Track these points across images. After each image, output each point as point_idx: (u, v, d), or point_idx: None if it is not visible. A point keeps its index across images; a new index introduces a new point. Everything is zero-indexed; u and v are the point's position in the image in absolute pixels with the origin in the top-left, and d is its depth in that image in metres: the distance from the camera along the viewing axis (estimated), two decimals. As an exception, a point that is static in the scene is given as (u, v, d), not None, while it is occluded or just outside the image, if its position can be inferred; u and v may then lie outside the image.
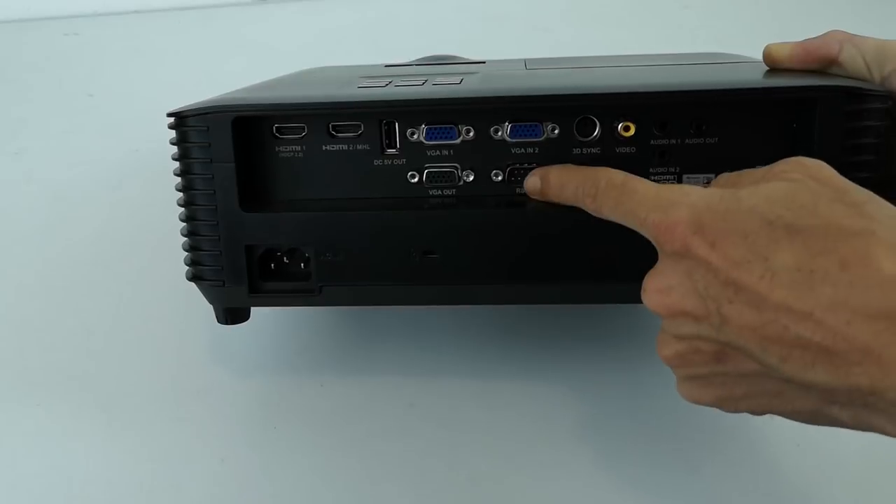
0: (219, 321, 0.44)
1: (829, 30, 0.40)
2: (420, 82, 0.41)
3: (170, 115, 0.40)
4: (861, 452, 0.36)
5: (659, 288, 0.31)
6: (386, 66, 0.53)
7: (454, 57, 0.62)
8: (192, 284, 0.43)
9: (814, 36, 0.41)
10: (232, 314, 0.44)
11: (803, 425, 0.32)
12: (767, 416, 0.33)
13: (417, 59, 0.61)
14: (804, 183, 0.30)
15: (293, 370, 0.50)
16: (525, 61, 0.51)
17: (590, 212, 0.36)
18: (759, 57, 0.44)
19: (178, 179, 0.41)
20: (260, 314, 0.54)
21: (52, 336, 0.54)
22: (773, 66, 0.41)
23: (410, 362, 0.50)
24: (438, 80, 0.42)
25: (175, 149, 0.41)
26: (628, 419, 0.45)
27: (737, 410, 0.32)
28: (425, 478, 0.42)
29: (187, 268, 0.42)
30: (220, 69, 0.89)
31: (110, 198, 0.67)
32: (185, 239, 0.42)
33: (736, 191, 0.30)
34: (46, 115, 0.73)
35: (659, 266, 0.32)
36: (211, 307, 0.44)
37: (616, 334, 0.52)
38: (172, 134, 0.41)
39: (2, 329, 0.55)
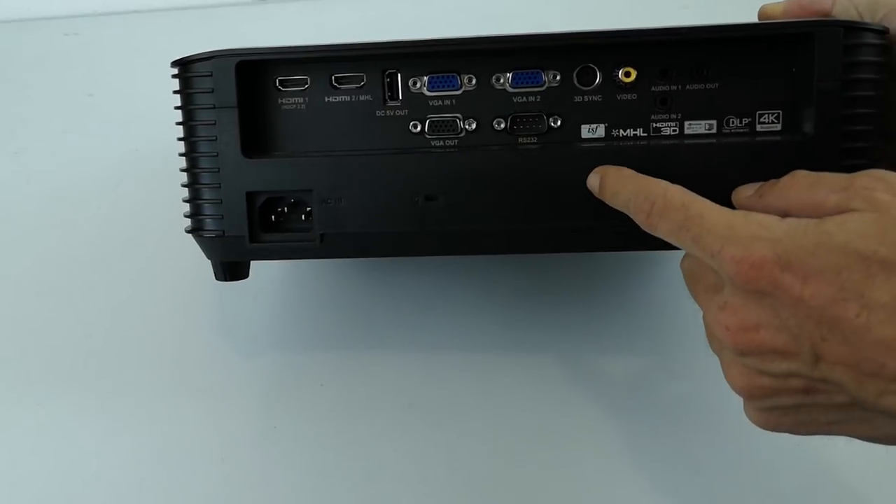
0: (217, 277, 0.44)
1: None
2: None
3: (174, 63, 0.40)
4: (861, 452, 0.36)
5: (744, 326, 0.30)
6: None
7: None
8: (192, 285, 0.43)
9: None
10: (231, 269, 0.44)
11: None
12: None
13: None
14: (894, 214, 0.28)
15: (293, 370, 0.50)
16: None
17: (641, 226, 0.35)
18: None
19: (181, 127, 0.41)
20: (259, 313, 0.54)
21: (51, 335, 0.54)
22: None
23: (410, 362, 0.50)
24: None
25: (178, 96, 0.41)
26: (629, 418, 0.45)
27: (815, 434, 0.32)
28: (425, 478, 0.42)
29: (187, 220, 0.42)
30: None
31: (110, 197, 0.67)
32: (186, 189, 0.42)
33: (820, 223, 0.29)
34: (46, 115, 0.73)
35: (733, 301, 0.31)
36: (210, 309, 0.44)
37: (617, 324, 0.52)
38: (176, 84, 0.41)
39: (1, 328, 0.55)
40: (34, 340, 0.55)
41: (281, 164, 0.41)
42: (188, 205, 0.42)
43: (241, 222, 0.41)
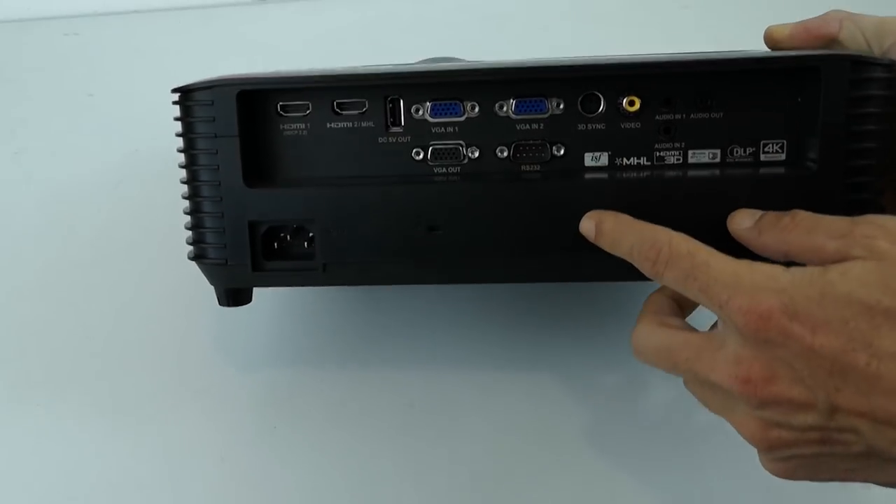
0: (220, 303, 0.44)
1: (830, 10, 0.40)
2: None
3: (175, 90, 0.40)
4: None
5: (764, 377, 0.30)
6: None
7: (455, 59, 0.62)
8: (192, 286, 0.43)
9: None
10: (234, 295, 0.43)
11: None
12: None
13: (418, 62, 0.61)
14: (894, 262, 0.29)
15: (293, 370, 0.50)
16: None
17: (646, 274, 0.35)
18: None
19: (182, 155, 0.41)
20: (260, 314, 0.54)
21: (51, 336, 0.54)
22: (774, 46, 0.41)
23: (410, 362, 0.50)
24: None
25: (179, 126, 0.41)
26: (628, 418, 0.45)
27: (833, 481, 0.32)
28: (425, 478, 0.42)
29: (189, 247, 0.42)
30: (220, 69, 0.89)
31: (110, 198, 0.67)
32: (188, 217, 0.42)
33: (824, 272, 0.29)
34: (46, 115, 0.73)
35: (744, 353, 0.31)
36: (211, 310, 0.44)
37: (614, 331, 0.52)
38: (177, 111, 0.41)
39: (1, 329, 0.55)
40: (33, 341, 0.55)
41: (283, 194, 0.40)
42: (190, 231, 0.42)
43: (244, 251, 0.41)
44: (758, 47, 0.44)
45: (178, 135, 0.41)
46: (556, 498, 0.41)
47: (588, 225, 0.38)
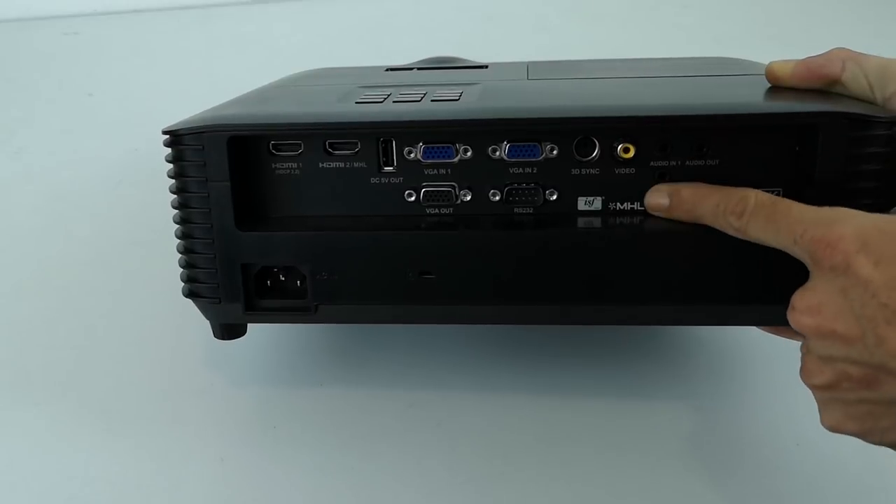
0: (215, 336, 0.44)
1: (833, 48, 0.40)
2: (418, 97, 0.41)
3: (165, 132, 0.39)
4: (861, 452, 0.36)
5: (809, 306, 0.31)
6: (386, 69, 0.53)
7: (455, 59, 0.62)
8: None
9: (814, 46, 0.41)
10: (228, 329, 0.43)
11: (803, 425, 0.32)
12: (760, 416, 0.33)
13: (418, 62, 0.61)
14: None
15: (292, 370, 0.50)
16: (527, 66, 0.50)
17: (729, 231, 0.35)
18: (758, 59, 0.43)
19: (174, 196, 0.41)
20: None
21: (50, 335, 0.54)
22: (776, 83, 0.40)
23: (410, 363, 0.50)
24: (438, 92, 0.41)
25: (171, 165, 0.40)
26: (626, 418, 0.45)
27: (881, 442, 0.32)
28: (425, 478, 0.42)
29: (183, 284, 0.42)
30: (220, 68, 0.89)
31: (109, 197, 0.67)
32: (181, 256, 0.42)
33: None
34: (46, 115, 0.73)
35: (810, 283, 0.31)
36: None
37: (615, 327, 0.52)
38: (168, 150, 0.40)
39: (1, 328, 0.55)
40: (33, 340, 0.55)
41: (275, 238, 0.40)
42: (183, 269, 0.42)
43: (237, 291, 0.41)
44: (754, 50, 0.44)
45: (169, 175, 0.41)
46: (556, 498, 0.41)
47: (658, 197, 0.38)
